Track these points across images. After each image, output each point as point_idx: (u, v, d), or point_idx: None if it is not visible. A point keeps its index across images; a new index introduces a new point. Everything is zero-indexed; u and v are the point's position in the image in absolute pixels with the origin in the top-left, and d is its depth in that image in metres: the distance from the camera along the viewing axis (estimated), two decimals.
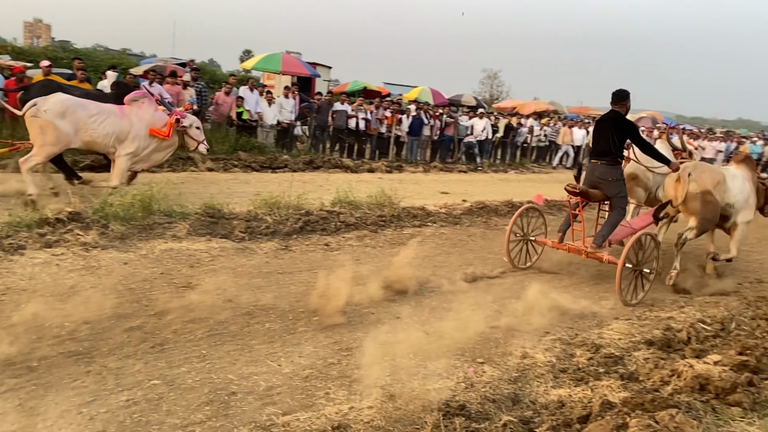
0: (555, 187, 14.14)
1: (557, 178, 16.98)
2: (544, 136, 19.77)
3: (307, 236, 6.90)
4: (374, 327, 4.55)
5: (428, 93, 23.11)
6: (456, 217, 8.86)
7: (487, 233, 8.40)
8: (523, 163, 18.90)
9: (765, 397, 3.42)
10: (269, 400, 3.36)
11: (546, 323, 4.94)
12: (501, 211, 9.70)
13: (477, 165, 16.95)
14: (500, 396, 3.55)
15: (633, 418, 3.03)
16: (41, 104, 6.81)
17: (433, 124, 16.32)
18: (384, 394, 3.46)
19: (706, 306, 5.65)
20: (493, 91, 45.66)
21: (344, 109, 14.51)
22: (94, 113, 7.13)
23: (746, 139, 24.57)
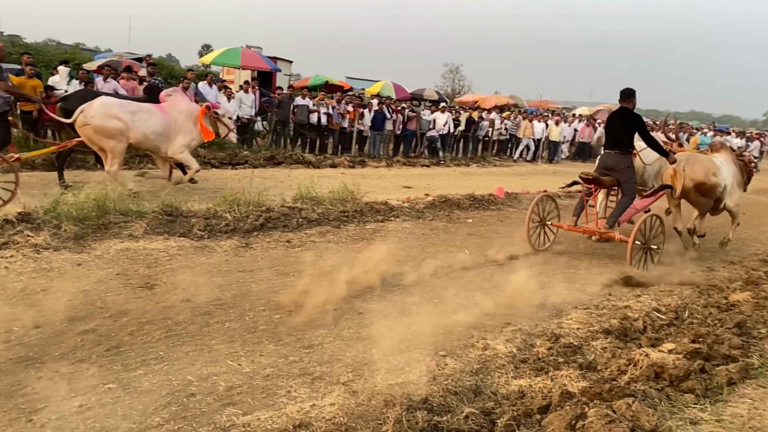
0: (516, 179, 14.38)
1: (518, 171, 17.24)
2: (505, 129, 19.99)
3: (268, 233, 6.82)
4: (336, 323, 4.52)
5: (390, 87, 23.13)
6: (419, 212, 8.89)
7: (450, 227, 8.45)
8: (485, 157, 19.09)
9: (716, 384, 3.53)
10: (229, 400, 3.30)
11: (508, 314, 4.99)
12: (463, 204, 9.76)
13: (439, 159, 17.04)
14: (462, 388, 3.57)
15: (591, 407, 3.08)
16: (87, 111, 7.41)
17: (395, 119, 16.34)
18: (346, 391, 3.45)
19: (661, 295, 5.79)
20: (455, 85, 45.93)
21: (305, 103, 14.39)
22: (136, 111, 7.74)
23: (697, 131, 25.36)
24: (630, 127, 6.81)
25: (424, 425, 2.99)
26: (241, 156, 12.34)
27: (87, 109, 7.45)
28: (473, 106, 25.94)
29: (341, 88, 22.59)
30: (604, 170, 7.07)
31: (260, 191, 7.65)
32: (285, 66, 24.42)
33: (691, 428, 2.99)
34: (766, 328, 4.72)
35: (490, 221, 9.18)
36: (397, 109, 16.62)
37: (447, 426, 3.04)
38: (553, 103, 37.77)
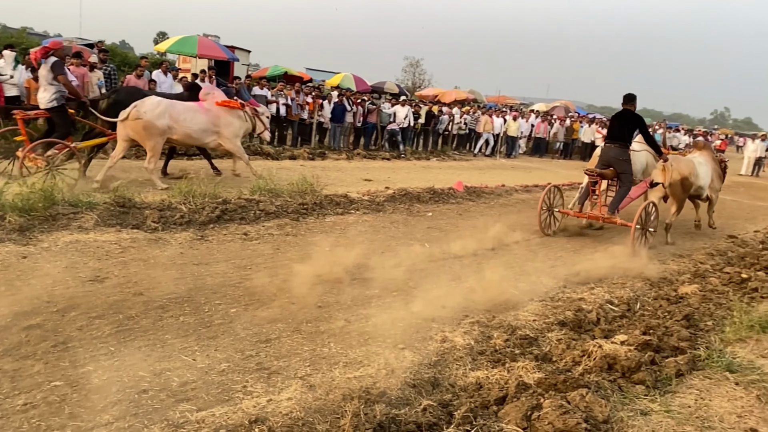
0: (475, 174, 14.51)
1: (477, 165, 17.40)
2: (465, 124, 20.16)
3: (225, 225, 6.69)
4: (295, 317, 4.47)
5: (351, 79, 23.01)
6: (379, 204, 8.87)
7: (410, 220, 8.46)
8: (445, 151, 19.21)
9: (666, 375, 3.63)
10: (183, 396, 3.22)
11: (466, 306, 5.03)
12: (423, 198, 9.79)
13: (400, 152, 17.07)
14: (420, 381, 3.58)
15: (547, 398, 3.13)
16: (140, 107, 8.00)
17: (356, 111, 16.27)
18: (304, 385, 3.41)
19: (614, 287, 5.94)
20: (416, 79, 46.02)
21: (263, 94, 14.18)
22: (182, 111, 8.42)
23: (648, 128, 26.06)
24: (632, 125, 7.88)
25: (382, 418, 2.98)
26: None
27: (141, 105, 8.02)
28: (433, 100, 26.05)
29: (301, 79, 22.35)
30: (604, 163, 8.02)
31: (216, 183, 7.49)
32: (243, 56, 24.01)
33: (641, 419, 3.07)
34: (713, 320, 4.90)
35: (450, 215, 9.24)
36: (357, 101, 16.55)
37: (405, 419, 3.03)
38: (511, 98, 38.27)
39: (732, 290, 5.95)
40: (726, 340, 4.35)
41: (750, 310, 5.07)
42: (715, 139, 33.42)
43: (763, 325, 4.57)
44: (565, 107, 32.49)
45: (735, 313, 4.98)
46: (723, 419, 3.13)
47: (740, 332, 4.47)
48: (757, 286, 6.03)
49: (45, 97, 7.78)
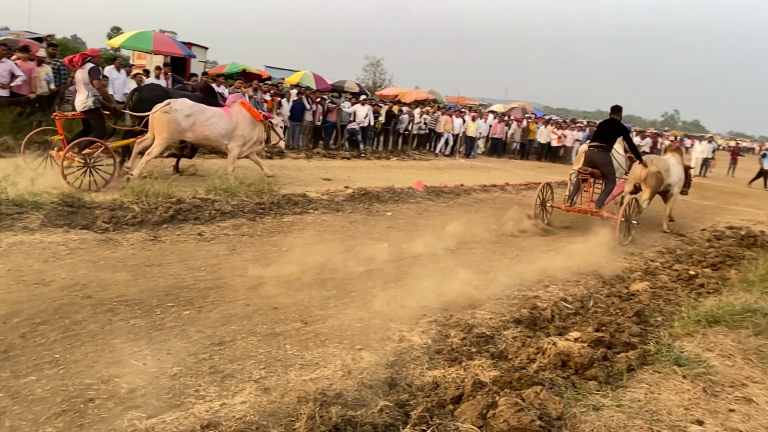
0: (435, 173, 14.58)
1: (437, 165, 17.49)
2: (424, 124, 20.25)
3: (179, 225, 6.54)
4: (250, 319, 4.39)
5: (310, 78, 22.84)
6: (338, 204, 8.82)
7: (369, 219, 8.44)
8: (405, 150, 19.25)
9: (617, 370, 3.70)
10: (132, 403, 3.12)
11: (424, 306, 5.04)
12: (383, 197, 9.78)
13: (360, 152, 17.02)
14: (377, 381, 3.57)
15: (502, 396, 3.15)
16: (174, 104, 8.62)
17: (315, 110, 16.15)
18: (258, 388, 3.35)
19: (568, 285, 6.05)
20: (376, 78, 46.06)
21: (221, 91, 13.91)
22: (210, 116, 9.05)
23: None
24: (616, 133, 9.02)
25: (338, 420, 2.95)
26: None
27: (174, 103, 8.65)
28: (394, 99, 26.11)
29: (259, 76, 22.06)
30: (589, 164, 9.04)
31: (170, 182, 7.32)
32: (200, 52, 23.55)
33: (593, 414, 3.12)
34: (662, 316, 5.04)
35: (409, 214, 9.26)
36: (316, 100, 16.43)
37: (361, 420, 3.01)
38: (470, 99, 38.71)
39: (680, 287, 6.14)
40: (674, 335, 4.47)
41: (697, 306, 5.23)
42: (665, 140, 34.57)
43: (709, 319, 4.72)
44: (522, 108, 33.02)
45: (683, 309, 5.14)
46: (671, 412, 3.21)
47: (688, 327, 4.61)
48: (704, 282, 6.24)
49: (81, 99, 8.27)
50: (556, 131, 23.47)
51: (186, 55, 19.39)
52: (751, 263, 7.15)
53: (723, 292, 5.81)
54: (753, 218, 12.94)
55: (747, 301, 5.20)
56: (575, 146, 23.85)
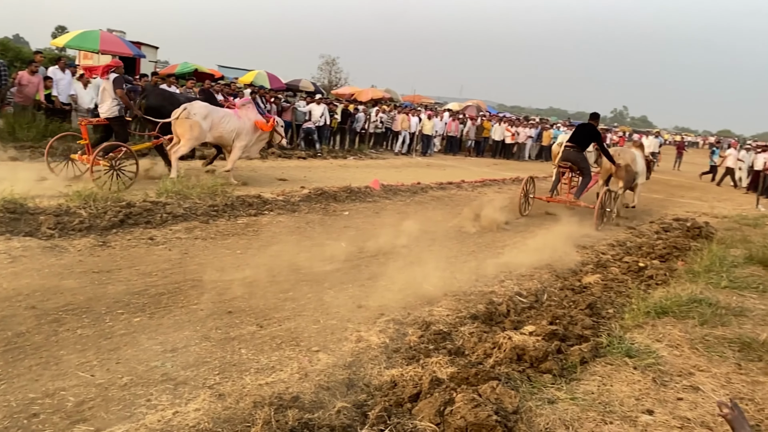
0: (392, 172, 14.60)
1: (393, 163, 17.54)
2: (381, 122, 20.27)
3: (129, 230, 6.35)
4: (203, 324, 4.30)
5: (264, 77, 22.53)
6: (294, 204, 8.72)
7: (326, 219, 8.38)
8: (362, 149, 19.23)
9: (571, 363, 3.77)
10: (79, 416, 3.00)
11: (382, 305, 5.03)
12: (340, 197, 9.73)
13: (316, 151, 16.91)
14: (335, 383, 3.54)
15: (459, 392, 3.16)
16: (190, 109, 9.36)
17: (269, 109, 15.94)
18: (213, 394, 3.27)
19: (523, 279, 6.14)
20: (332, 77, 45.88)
21: (172, 92, 13.59)
22: (223, 116, 9.80)
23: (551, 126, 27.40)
24: (591, 137, 10.14)
25: (295, 424, 2.91)
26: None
27: (190, 108, 9.39)
28: (350, 98, 26.02)
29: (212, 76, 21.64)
30: (565, 160, 10.19)
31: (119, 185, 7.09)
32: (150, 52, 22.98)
33: (548, 407, 3.16)
34: (614, 308, 5.16)
35: (366, 213, 9.24)
36: (270, 99, 16.24)
37: (318, 422, 2.98)
38: (426, 98, 38.90)
39: (630, 278, 6.31)
40: (625, 327, 4.59)
41: (646, 297, 5.39)
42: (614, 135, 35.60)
43: (658, 310, 4.87)
44: (477, 107, 33.43)
45: (633, 301, 5.29)
46: (623, 403, 3.28)
47: (638, 318, 4.74)
48: (653, 273, 6.43)
49: (105, 107, 9.05)
50: (509, 129, 23.85)
51: (135, 55, 18.89)
52: (697, 254, 7.42)
53: (671, 283, 6.00)
54: (698, 210, 13.44)
55: (693, 291, 5.39)
56: (528, 143, 24.37)
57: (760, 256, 7.15)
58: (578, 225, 9.27)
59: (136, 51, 18.79)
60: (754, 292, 5.77)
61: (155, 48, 23.88)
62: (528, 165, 22.05)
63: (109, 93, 8.99)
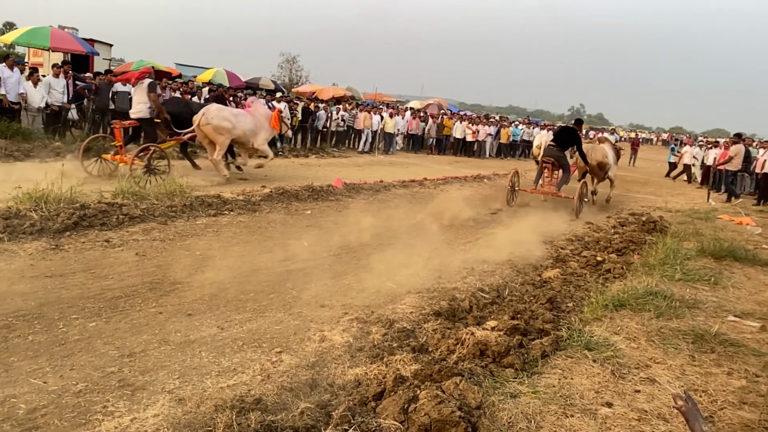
0: (354, 170, 14.57)
1: (356, 162, 17.51)
2: (342, 120, 20.20)
3: (84, 232, 6.15)
4: (162, 327, 4.20)
5: (223, 75, 22.24)
6: (255, 204, 8.61)
7: (288, 219, 8.30)
8: (324, 148, 19.12)
9: (532, 357, 3.82)
10: (31, 424, 2.89)
11: (345, 304, 5.01)
12: (302, 196, 9.65)
13: (277, 150, 16.72)
14: (298, 383, 3.50)
15: (423, 389, 3.17)
16: (207, 114, 9.97)
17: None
18: (172, 399, 3.20)
19: (485, 275, 6.20)
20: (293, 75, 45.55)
21: (126, 90, 13.27)
22: (238, 115, 10.49)
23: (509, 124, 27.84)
24: (572, 140, 11.54)
25: (257, 426, 2.86)
26: (51, 148, 11.04)
27: (207, 113, 9.97)
28: (311, 96, 25.86)
29: (169, 74, 21.21)
30: (548, 157, 11.44)
31: (73, 185, 6.87)
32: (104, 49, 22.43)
33: (511, 402, 3.20)
34: (573, 301, 5.26)
35: (329, 212, 9.19)
36: (229, 98, 15.98)
37: (281, 424, 2.94)
38: (387, 96, 39.00)
39: (589, 272, 6.44)
40: (584, 320, 4.68)
41: (604, 290, 5.51)
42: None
43: (616, 304, 4.98)
44: (438, 105, 33.67)
45: (592, 294, 5.40)
46: (583, 396, 3.34)
47: (596, 311, 4.83)
48: (610, 267, 6.58)
49: (137, 109, 9.79)
50: (470, 127, 24.09)
51: (88, 53, 18.42)
52: (652, 248, 7.62)
53: (627, 276, 6.15)
54: (652, 205, 13.83)
55: (649, 284, 5.53)
56: (488, 141, 24.66)
57: (711, 248, 7.39)
58: (542, 220, 9.44)
59: (88, 48, 18.31)
60: (706, 285, 5.96)
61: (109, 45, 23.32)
62: (488, 162, 22.32)
63: (141, 96, 9.74)
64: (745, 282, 6.36)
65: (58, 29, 17.91)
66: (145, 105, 9.69)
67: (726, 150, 17.31)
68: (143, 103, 9.71)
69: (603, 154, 12.46)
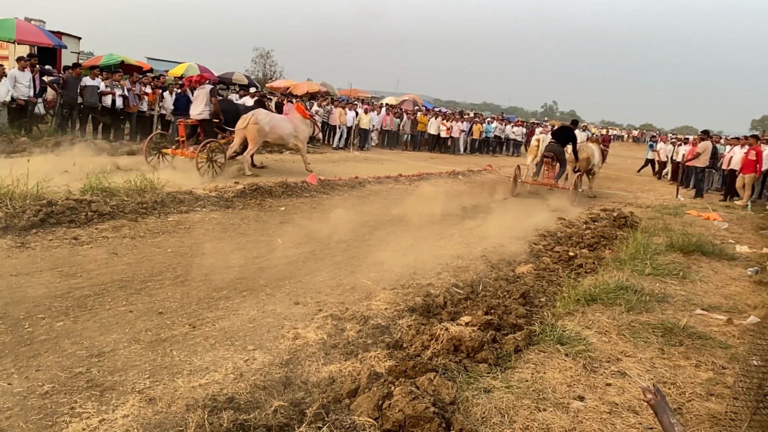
0: (329, 166, 14.52)
1: (331, 158, 17.42)
2: (317, 116, 20.07)
3: (51, 230, 6.01)
4: (132, 326, 4.12)
5: (196, 69, 21.90)
6: (228, 201, 8.51)
7: (261, 215, 8.23)
8: None
9: (506, 352, 3.85)
10: None
11: (319, 301, 4.98)
12: (275, 192, 9.57)
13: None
14: (271, 382, 3.46)
15: (397, 386, 3.17)
16: (257, 116, 11.27)
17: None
18: (142, 399, 3.15)
19: (459, 271, 6.22)
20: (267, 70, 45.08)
21: (95, 84, 13.01)
22: (279, 120, 11.90)
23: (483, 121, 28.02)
24: (570, 138, 13.19)
25: (229, 426, 2.83)
26: (17, 143, 10.76)
27: (257, 115, 11.33)
28: (285, 92, 25.66)
29: (140, 68, 20.84)
30: (548, 152, 12.92)
31: (40, 182, 6.71)
32: (72, 42, 21.91)
33: (484, 396, 3.21)
34: (546, 296, 5.31)
35: (303, 209, 9.13)
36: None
37: (254, 423, 2.91)
38: (362, 92, 38.88)
39: (561, 268, 6.52)
40: (557, 315, 4.73)
41: (576, 285, 5.58)
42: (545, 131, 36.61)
43: (587, 298, 5.04)
44: (413, 101, 33.68)
45: (564, 289, 5.46)
46: (555, 390, 3.38)
47: (569, 306, 4.89)
48: (582, 262, 6.66)
49: (198, 110, 11.16)
50: (444, 123, 24.16)
51: (55, 46, 17.96)
52: (623, 243, 7.74)
53: (599, 271, 6.23)
54: (623, 200, 14.05)
55: (620, 279, 5.62)
56: (461, 137, 24.79)
57: (680, 243, 7.54)
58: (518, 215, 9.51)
59: (56, 41, 17.85)
60: (675, 279, 6.08)
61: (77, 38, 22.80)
62: (462, 159, 22.42)
63: (203, 100, 11.06)
64: (712, 276, 6.50)
65: (24, 21, 17.45)
66: (206, 107, 11.04)
67: (694, 147, 17.66)
68: (204, 106, 11.05)
69: (591, 152, 14.24)
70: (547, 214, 10.67)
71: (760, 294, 5.82)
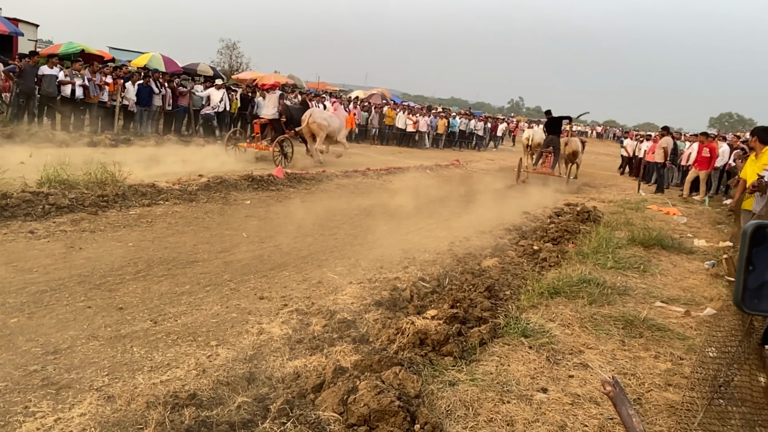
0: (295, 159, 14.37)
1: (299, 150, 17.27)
2: None
3: (5, 223, 5.80)
4: (91, 322, 4.01)
5: (159, 60, 21.40)
6: (192, 194, 8.36)
7: (226, 209, 8.11)
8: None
9: (471, 345, 3.87)
10: None
11: (284, 295, 4.93)
12: (241, 186, 9.44)
13: (217, 138, 16.31)
14: (235, 377, 3.41)
15: (363, 380, 3.15)
16: (314, 114, 13.67)
17: (165, 94, 15.19)
18: (100, 397, 3.06)
19: (426, 265, 6.24)
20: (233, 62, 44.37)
21: (53, 73, 12.61)
22: (329, 116, 14.10)
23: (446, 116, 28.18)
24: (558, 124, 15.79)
25: (191, 423, 2.77)
26: None
27: (315, 114, 13.68)
28: (252, 84, 25.30)
29: (101, 58, 20.28)
30: (548, 145, 15.77)
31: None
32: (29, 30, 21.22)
33: (449, 390, 3.22)
34: (510, 289, 5.36)
35: (269, 202, 9.04)
36: (164, 83, 15.45)
37: (217, 420, 2.86)
38: (330, 85, 38.66)
39: (526, 261, 6.59)
40: (521, 308, 4.78)
41: (540, 279, 5.65)
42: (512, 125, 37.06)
43: (551, 291, 5.11)
44: (381, 95, 33.64)
45: (528, 282, 5.53)
46: (519, 382, 3.41)
47: (533, 299, 4.95)
48: (546, 256, 6.75)
49: (270, 111, 13.66)
50: (411, 117, 24.22)
51: (11, 33, 17.38)
52: (586, 237, 7.88)
53: (562, 264, 6.32)
54: (587, 195, 14.31)
55: (582, 272, 5.71)
56: (428, 131, 24.91)
57: (641, 237, 7.71)
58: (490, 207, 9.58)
59: (12, 28, 17.29)
60: (636, 272, 6.22)
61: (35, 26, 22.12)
62: (429, 153, 22.52)
63: (273, 102, 13.55)
64: (671, 269, 6.67)
65: None
66: (276, 109, 13.48)
67: (655, 143, 18.08)
68: (275, 107, 13.53)
69: (576, 145, 16.69)
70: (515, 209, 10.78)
71: (716, 286, 5.99)
